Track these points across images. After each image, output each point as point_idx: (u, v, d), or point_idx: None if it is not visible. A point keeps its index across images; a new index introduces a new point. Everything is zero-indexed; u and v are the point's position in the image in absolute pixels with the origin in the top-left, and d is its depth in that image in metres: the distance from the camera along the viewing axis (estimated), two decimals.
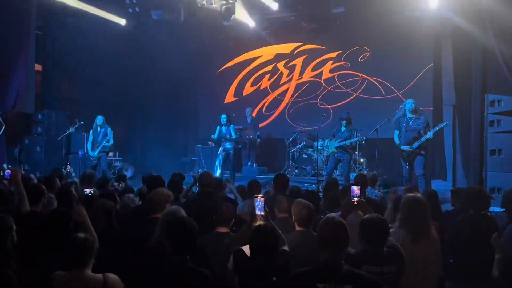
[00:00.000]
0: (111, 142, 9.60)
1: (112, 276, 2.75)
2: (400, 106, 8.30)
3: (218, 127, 9.93)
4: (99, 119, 9.63)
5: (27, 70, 9.32)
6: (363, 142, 8.77)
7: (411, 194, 3.56)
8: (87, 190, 4.53)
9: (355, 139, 8.67)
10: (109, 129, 9.62)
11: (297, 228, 3.66)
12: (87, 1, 10.12)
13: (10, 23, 8.86)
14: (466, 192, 4.59)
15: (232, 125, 10.14)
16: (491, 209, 5.15)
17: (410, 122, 7.81)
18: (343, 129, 8.92)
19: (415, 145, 7.66)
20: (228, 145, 9.57)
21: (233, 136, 10.02)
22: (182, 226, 2.82)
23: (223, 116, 9.97)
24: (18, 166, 9.46)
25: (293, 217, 3.68)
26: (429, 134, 7.61)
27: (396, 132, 7.98)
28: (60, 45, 11.01)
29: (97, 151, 9.44)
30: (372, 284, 2.64)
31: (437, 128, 7.87)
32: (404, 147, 7.81)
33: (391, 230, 3.21)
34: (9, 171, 4.00)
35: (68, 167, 7.39)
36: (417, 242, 3.27)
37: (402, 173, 8.06)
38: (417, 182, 7.62)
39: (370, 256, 2.94)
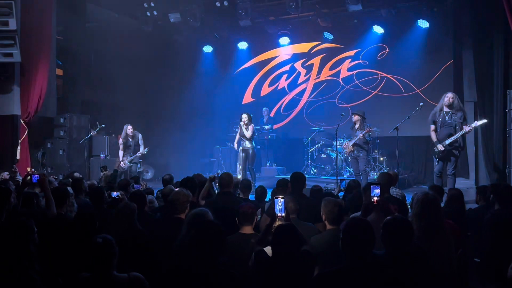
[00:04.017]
0: (143, 150, 9.43)
1: (137, 275, 2.76)
2: (421, 104, 8.19)
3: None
4: (128, 128, 9.43)
5: (48, 75, 9.51)
6: (367, 137, 8.72)
7: (424, 192, 3.52)
8: (114, 193, 4.60)
9: (355, 140, 8.67)
10: (140, 135, 9.47)
11: (328, 226, 3.68)
12: (106, 6, 10.26)
13: (31, 29, 9.05)
14: (493, 188, 4.48)
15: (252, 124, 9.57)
16: None
17: (447, 117, 7.40)
18: (356, 126, 8.88)
19: (448, 141, 7.30)
20: (247, 145, 9.35)
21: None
22: (211, 228, 2.81)
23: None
24: (41, 169, 9.65)
25: (323, 216, 3.70)
26: (465, 129, 7.19)
27: (431, 127, 7.60)
28: (80, 49, 11.19)
29: (128, 159, 9.34)
30: (399, 286, 2.60)
31: (474, 125, 7.51)
32: (436, 148, 7.47)
33: None
34: (37, 175, 4.08)
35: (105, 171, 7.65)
36: (429, 239, 3.22)
37: (434, 170, 7.72)
38: (447, 181, 7.43)
39: (393, 259, 2.85)
